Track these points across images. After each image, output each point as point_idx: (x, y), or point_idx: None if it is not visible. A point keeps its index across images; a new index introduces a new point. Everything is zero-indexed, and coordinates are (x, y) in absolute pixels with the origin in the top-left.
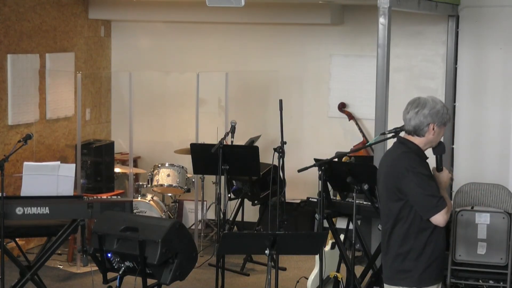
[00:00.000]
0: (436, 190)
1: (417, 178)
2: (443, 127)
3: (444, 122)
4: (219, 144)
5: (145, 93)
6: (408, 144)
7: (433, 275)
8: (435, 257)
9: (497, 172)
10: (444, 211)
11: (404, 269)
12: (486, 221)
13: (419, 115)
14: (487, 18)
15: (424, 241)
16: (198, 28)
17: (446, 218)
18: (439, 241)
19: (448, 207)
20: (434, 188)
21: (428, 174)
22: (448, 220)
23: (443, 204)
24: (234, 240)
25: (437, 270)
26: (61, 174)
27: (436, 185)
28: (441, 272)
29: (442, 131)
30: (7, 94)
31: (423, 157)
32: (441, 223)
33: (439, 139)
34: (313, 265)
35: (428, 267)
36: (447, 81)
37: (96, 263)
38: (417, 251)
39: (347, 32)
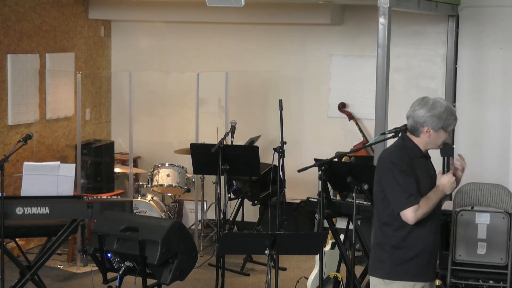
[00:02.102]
0: (413, 187)
1: (396, 172)
2: (442, 131)
3: (442, 127)
4: (219, 144)
5: (145, 93)
6: (406, 141)
7: (411, 271)
8: (415, 254)
9: (497, 172)
10: (412, 209)
11: (380, 259)
12: (486, 221)
13: (415, 115)
14: (487, 18)
15: (403, 235)
16: (198, 28)
17: (414, 216)
18: (425, 240)
19: (420, 207)
20: (410, 185)
21: (409, 170)
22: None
23: (413, 201)
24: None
25: (419, 268)
26: (61, 174)
27: (414, 183)
28: (426, 271)
29: (442, 135)
30: (7, 94)
31: (418, 156)
32: (409, 220)
33: (438, 142)
34: (313, 265)
35: (405, 262)
36: (447, 81)
37: (96, 263)
38: (395, 244)
39: (347, 32)
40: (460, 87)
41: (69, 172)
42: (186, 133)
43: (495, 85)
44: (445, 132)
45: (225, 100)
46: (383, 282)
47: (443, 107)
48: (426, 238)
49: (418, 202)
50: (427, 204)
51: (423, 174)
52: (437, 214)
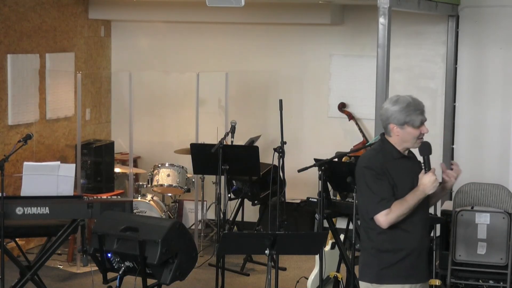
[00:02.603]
0: (385, 191)
1: (367, 177)
2: (408, 127)
3: (406, 122)
4: (219, 144)
5: (145, 93)
6: (384, 143)
7: (398, 274)
8: (402, 256)
9: (497, 172)
10: (383, 213)
11: (367, 263)
12: (486, 221)
13: (381, 113)
14: (487, 18)
15: (386, 238)
16: (198, 28)
17: (386, 220)
18: (410, 242)
19: (392, 210)
20: (382, 188)
21: (382, 173)
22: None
23: (385, 205)
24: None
25: (407, 270)
26: (61, 174)
27: (387, 186)
28: (414, 273)
29: (410, 131)
30: (7, 94)
31: (396, 157)
32: (381, 224)
33: (410, 140)
34: (313, 265)
35: (392, 265)
36: (447, 81)
37: (96, 263)
38: (379, 247)
39: (347, 32)
40: (460, 87)
41: (69, 172)
42: (186, 133)
43: (495, 85)
44: (414, 128)
45: (225, 100)
46: (371, 286)
47: (405, 102)
48: (411, 240)
49: (389, 206)
50: (401, 207)
51: (402, 175)
52: (422, 215)
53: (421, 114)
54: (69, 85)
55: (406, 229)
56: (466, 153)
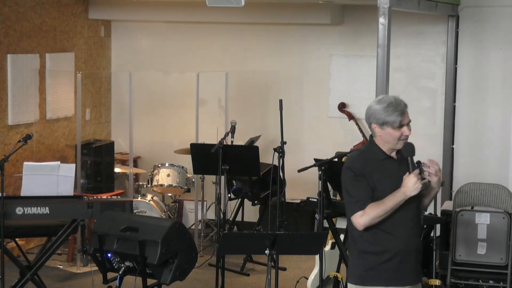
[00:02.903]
0: (362, 192)
1: (347, 178)
2: (388, 128)
3: (385, 122)
4: (219, 144)
5: (145, 93)
6: (371, 144)
7: (382, 276)
8: (385, 258)
9: (497, 172)
10: (358, 214)
11: (353, 265)
12: (486, 221)
13: (365, 112)
14: (487, 18)
15: (369, 240)
16: (198, 28)
17: (359, 222)
18: (394, 244)
19: (365, 212)
20: (359, 190)
21: (361, 175)
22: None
23: (359, 207)
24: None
25: (390, 272)
26: (61, 174)
27: (364, 188)
28: (399, 276)
29: (390, 131)
30: (7, 94)
31: (381, 158)
32: (356, 226)
33: (392, 140)
34: (313, 265)
35: (375, 267)
36: (447, 81)
37: (96, 263)
38: (362, 248)
39: (347, 32)
40: (460, 87)
41: (69, 172)
42: (186, 133)
43: (495, 85)
44: (393, 129)
45: (225, 100)
46: (355, 287)
47: (387, 102)
48: (395, 242)
49: (363, 208)
50: (376, 209)
51: (384, 177)
52: (407, 217)
53: (401, 115)
54: (69, 85)
55: (388, 231)
56: (466, 153)
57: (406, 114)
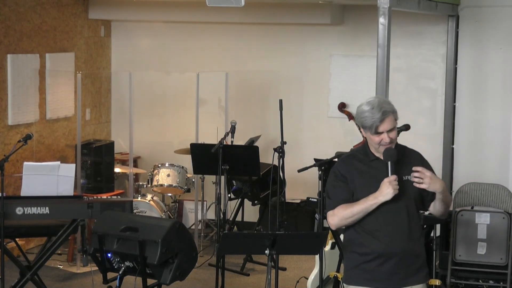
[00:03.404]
0: (338, 193)
1: (331, 177)
2: (366, 131)
3: (364, 126)
4: (219, 144)
5: (145, 93)
6: (365, 143)
7: (361, 276)
8: (367, 259)
9: (497, 172)
10: (328, 214)
11: (343, 265)
12: (486, 221)
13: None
14: (487, 18)
15: (350, 239)
16: (198, 28)
17: (330, 221)
18: (373, 245)
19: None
20: (336, 190)
21: (342, 175)
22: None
23: (330, 206)
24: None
25: (370, 273)
26: (61, 174)
27: (341, 189)
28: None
29: (369, 135)
30: (7, 94)
31: (371, 158)
32: (330, 225)
33: (373, 144)
34: (313, 265)
35: (356, 266)
36: (447, 81)
37: (96, 263)
38: (346, 247)
39: (347, 32)
40: (460, 87)
41: (69, 172)
42: (186, 133)
43: (495, 85)
44: (372, 135)
45: (225, 100)
46: (344, 286)
47: (369, 105)
48: (376, 244)
49: (332, 208)
50: (344, 211)
51: (368, 178)
52: (392, 219)
53: (378, 121)
54: (69, 85)
55: (370, 233)
56: (466, 153)
57: (386, 121)
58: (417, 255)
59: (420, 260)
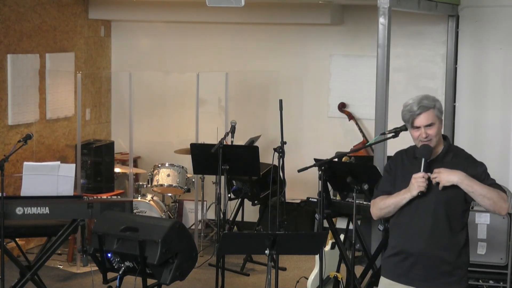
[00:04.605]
0: (383, 184)
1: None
2: (408, 125)
3: (404, 120)
4: (219, 144)
5: (145, 93)
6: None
7: (389, 268)
8: (394, 252)
9: (497, 172)
10: (371, 202)
11: None
12: (486, 221)
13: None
14: (487, 18)
15: (391, 234)
16: (198, 28)
17: (371, 210)
18: (399, 241)
19: (375, 202)
20: (383, 182)
21: (390, 169)
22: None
23: (374, 195)
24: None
25: (396, 267)
26: (61, 174)
27: (387, 180)
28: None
29: (410, 130)
30: (7, 94)
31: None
32: (371, 214)
33: (414, 138)
34: (313, 265)
35: (387, 258)
36: (447, 81)
37: (96, 263)
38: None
39: (347, 32)
40: (460, 87)
41: (69, 172)
42: (186, 133)
43: (495, 85)
44: (411, 129)
45: (225, 100)
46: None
47: (412, 99)
48: (396, 239)
49: (375, 198)
50: (380, 201)
51: (406, 174)
52: (417, 220)
53: (413, 116)
54: (69, 85)
55: (397, 228)
56: None
57: (423, 115)
58: (442, 260)
59: (447, 266)
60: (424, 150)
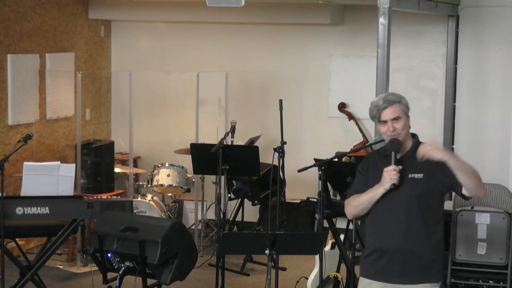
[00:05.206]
0: (357, 184)
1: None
2: (376, 121)
3: (372, 117)
4: (219, 144)
5: (145, 93)
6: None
7: (365, 267)
8: (369, 252)
9: (497, 172)
10: (345, 203)
11: None
12: (486, 221)
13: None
14: (487, 18)
15: (366, 233)
16: (198, 28)
17: (345, 210)
18: (374, 236)
19: (348, 203)
20: (355, 182)
21: (362, 169)
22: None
23: (348, 196)
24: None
25: (372, 266)
26: (61, 174)
27: (359, 181)
28: (374, 270)
29: (378, 126)
30: (7, 94)
31: (383, 154)
32: (346, 214)
33: (382, 133)
34: (313, 265)
35: (363, 258)
36: (447, 81)
37: (96, 263)
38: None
39: (347, 32)
40: (460, 87)
41: (69, 172)
42: (186, 133)
43: (495, 85)
44: (379, 123)
45: (225, 100)
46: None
47: (378, 97)
48: (372, 237)
49: (348, 198)
50: (354, 200)
51: (378, 172)
52: (389, 216)
53: (380, 110)
54: (69, 85)
55: (370, 227)
56: (466, 153)
57: (389, 109)
58: (418, 254)
59: (423, 260)
60: (393, 144)
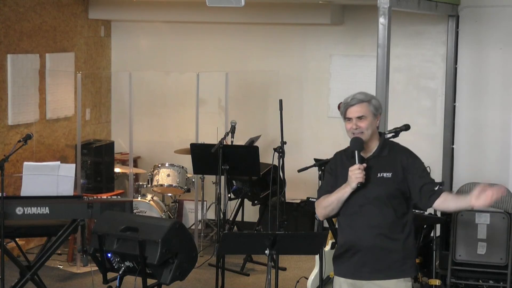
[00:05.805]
0: (325, 184)
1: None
2: (343, 118)
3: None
4: (219, 144)
5: (145, 93)
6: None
7: (339, 266)
8: (342, 250)
9: (497, 172)
10: (315, 205)
11: None
12: (486, 221)
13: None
14: (487, 18)
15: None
16: (198, 28)
17: (317, 211)
18: (346, 235)
19: (317, 203)
20: (324, 182)
21: (330, 168)
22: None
23: (317, 196)
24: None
25: (346, 264)
26: (61, 174)
27: (328, 180)
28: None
29: (345, 123)
30: (7, 94)
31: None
32: (317, 215)
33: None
34: (313, 265)
35: (336, 257)
36: (447, 81)
37: (96, 263)
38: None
39: (347, 32)
40: (460, 87)
41: (69, 172)
42: (186, 133)
43: (495, 85)
44: (345, 120)
45: (225, 100)
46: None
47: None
48: (344, 235)
49: (318, 199)
50: (323, 200)
51: (346, 171)
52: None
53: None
54: (69, 85)
55: (342, 225)
56: (466, 153)
57: (355, 107)
58: (390, 251)
59: (395, 256)
60: (355, 143)
